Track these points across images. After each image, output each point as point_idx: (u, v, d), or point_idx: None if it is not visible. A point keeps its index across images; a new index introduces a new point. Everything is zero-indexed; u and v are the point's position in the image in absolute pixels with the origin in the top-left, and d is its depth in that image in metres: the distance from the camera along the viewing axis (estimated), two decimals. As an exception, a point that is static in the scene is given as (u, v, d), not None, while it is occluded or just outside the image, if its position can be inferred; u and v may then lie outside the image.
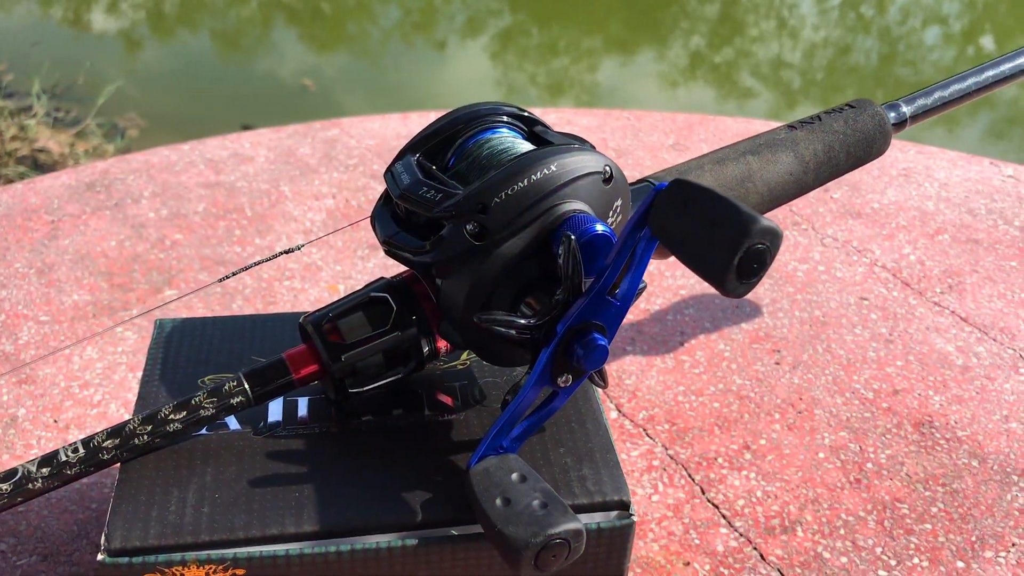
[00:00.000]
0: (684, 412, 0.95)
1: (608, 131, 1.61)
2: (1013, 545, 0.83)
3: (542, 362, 0.57)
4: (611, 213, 0.64)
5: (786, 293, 1.17)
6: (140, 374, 0.94)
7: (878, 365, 1.04)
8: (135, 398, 0.66)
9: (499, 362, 0.64)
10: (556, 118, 1.65)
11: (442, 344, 0.66)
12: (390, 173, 0.66)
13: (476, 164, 0.65)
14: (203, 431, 0.63)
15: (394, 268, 1.11)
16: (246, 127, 2.53)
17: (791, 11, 4.16)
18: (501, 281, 0.60)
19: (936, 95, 0.87)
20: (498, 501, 0.55)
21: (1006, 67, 0.90)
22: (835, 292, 1.17)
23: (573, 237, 0.56)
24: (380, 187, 1.35)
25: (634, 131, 1.62)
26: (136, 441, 0.59)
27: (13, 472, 0.57)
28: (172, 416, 0.60)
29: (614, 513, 0.60)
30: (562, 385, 0.58)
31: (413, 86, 3.26)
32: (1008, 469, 0.91)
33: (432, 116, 1.60)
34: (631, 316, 1.10)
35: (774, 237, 0.51)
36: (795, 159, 0.79)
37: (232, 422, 0.64)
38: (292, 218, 1.26)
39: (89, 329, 1.02)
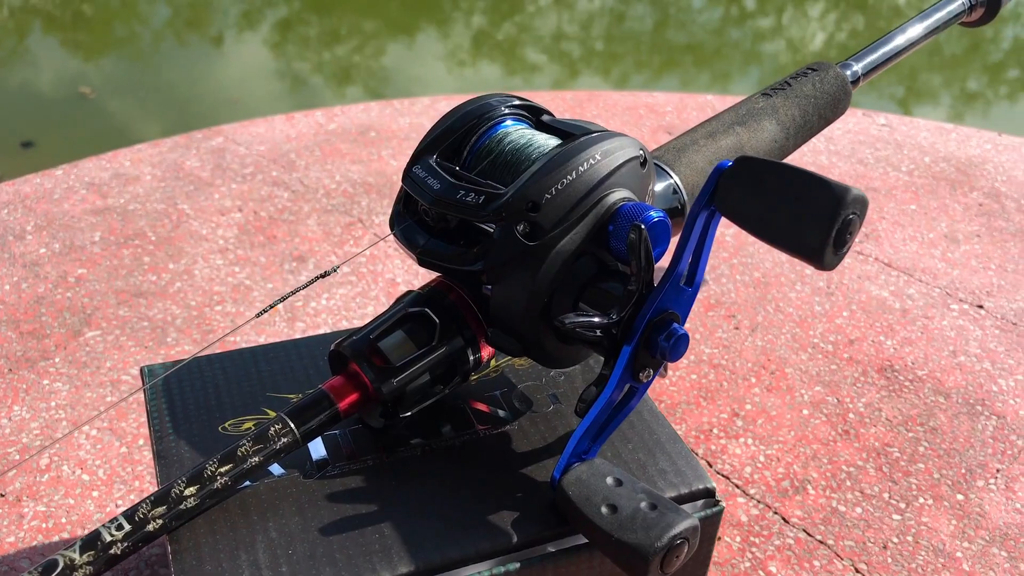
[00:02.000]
0: (666, 388, 0.95)
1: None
2: (998, 471, 0.87)
3: (624, 358, 0.55)
4: (647, 196, 0.62)
5: (722, 259, 1.19)
6: (89, 429, 0.85)
7: (827, 318, 1.08)
8: (94, 457, 0.59)
9: (556, 364, 0.61)
10: (447, 105, 1.61)
11: (485, 354, 0.62)
12: (410, 179, 0.61)
13: (502, 161, 0.61)
14: (246, 483, 0.56)
15: (352, 277, 1.05)
16: (27, 144, 2.31)
17: None
18: (561, 280, 0.57)
19: (881, 51, 0.90)
20: (604, 509, 0.52)
21: (933, 19, 0.94)
22: (765, 253, 1.20)
23: (644, 227, 0.54)
24: (287, 195, 1.27)
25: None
26: (185, 505, 0.53)
27: (53, 565, 0.49)
28: (219, 471, 0.54)
29: (701, 502, 0.58)
30: (643, 380, 0.56)
31: (193, 84, 3.11)
32: (971, 400, 0.96)
33: (319, 115, 1.53)
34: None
35: (864, 205, 0.50)
36: (778, 125, 0.79)
37: (275, 468, 0.58)
38: (202, 237, 1.17)
39: (8, 386, 0.91)
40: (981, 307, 1.12)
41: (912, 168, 1.47)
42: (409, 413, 0.59)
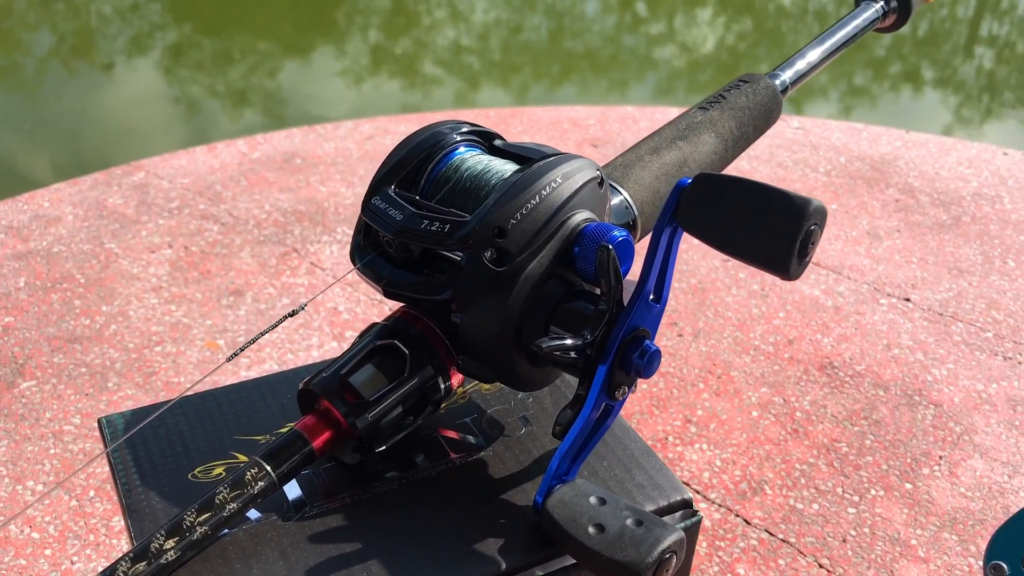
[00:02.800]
0: (619, 400, 0.96)
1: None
2: (940, 458, 0.91)
3: (600, 378, 0.55)
4: (605, 215, 0.63)
5: (659, 267, 1.21)
6: (34, 484, 0.82)
7: (765, 320, 1.11)
8: (42, 513, 0.57)
9: (528, 388, 0.61)
10: (372, 128, 1.61)
11: (455, 382, 0.62)
12: (370, 210, 0.61)
13: (461, 188, 0.61)
14: (225, 530, 0.55)
15: (280, 305, 1.04)
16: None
17: None
18: (531, 304, 0.57)
19: (806, 59, 0.93)
20: (591, 529, 0.53)
21: (851, 26, 0.97)
22: (699, 259, 1.23)
23: (611, 247, 0.55)
24: (217, 228, 1.25)
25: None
26: (166, 559, 0.51)
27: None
28: (198, 521, 0.52)
29: (679, 513, 0.59)
30: (619, 398, 0.57)
31: (84, 114, 3.04)
32: (909, 392, 1.00)
33: (242, 144, 1.51)
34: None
35: (823, 215, 0.52)
36: (717, 138, 0.81)
37: (252, 513, 0.56)
38: (133, 277, 1.14)
39: (-59, 445, 0.87)
40: (908, 300, 1.17)
41: (829, 169, 1.52)
42: (384, 447, 0.59)
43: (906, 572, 0.77)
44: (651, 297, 0.57)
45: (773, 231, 0.51)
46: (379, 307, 1.09)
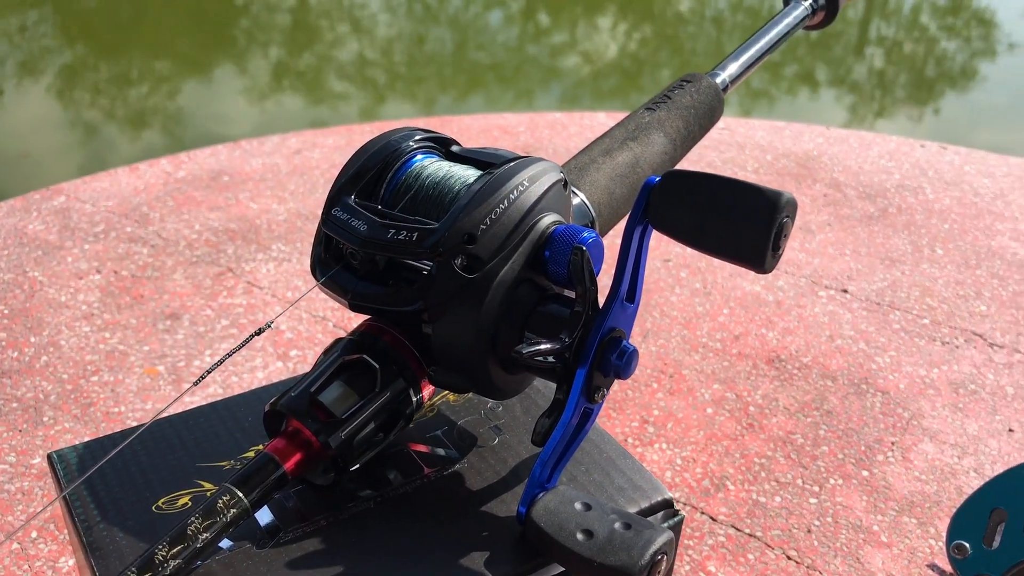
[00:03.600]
0: (575, 405, 0.95)
1: (358, 146, 1.55)
2: (893, 444, 0.93)
3: (580, 381, 0.54)
4: (569, 216, 0.62)
5: (603, 269, 1.21)
6: (-29, 527, 0.77)
7: (710, 317, 1.12)
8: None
9: (503, 396, 0.60)
10: (299, 142, 1.57)
11: (426, 394, 0.61)
12: (332, 222, 0.59)
13: (423, 196, 0.60)
14: (197, 562, 0.52)
15: (232, 330, 1.00)
16: None
17: (362, 11, 4.30)
18: (504, 310, 0.56)
19: (742, 59, 0.94)
20: (579, 536, 0.52)
21: (783, 24, 0.99)
22: (641, 260, 1.23)
23: (585, 249, 0.54)
24: (147, 251, 1.20)
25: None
26: (138, 599, 0.48)
27: None
28: (171, 555, 0.50)
29: (661, 514, 0.59)
30: (598, 400, 0.56)
31: None
32: (856, 380, 1.02)
33: (165, 163, 1.46)
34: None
35: (795, 207, 0.52)
36: (665, 138, 0.81)
37: (223, 542, 0.54)
38: (61, 305, 1.09)
39: None
40: (846, 291, 1.19)
41: (757, 167, 1.55)
42: (357, 465, 0.57)
43: (871, 558, 0.78)
44: (625, 298, 0.56)
45: (746, 225, 0.51)
46: (321, 324, 1.07)
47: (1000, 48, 4.30)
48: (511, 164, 0.59)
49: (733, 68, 0.95)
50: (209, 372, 0.56)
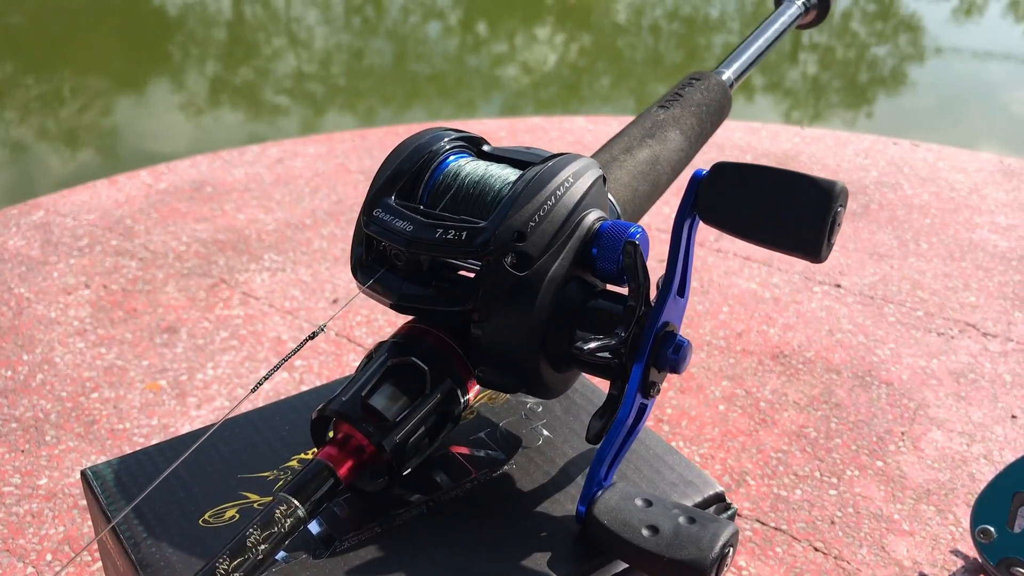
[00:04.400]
0: (588, 406, 0.95)
1: (340, 154, 1.54)
2: (903, 434, 0.94)
3: (637, 377, 0.54)
4: (608, 211, 0.62)
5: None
6: (-17, 552, 0.74)
7: (711, 315, 1.12)
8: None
9: (553, 395, 0.59)
10: (280, 151, 1.55)
11: (472, 395, 0.60)
12: (375, 223, 0.58)
13: (464, 195, 0.59)
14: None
15: (233, 342, 0.99)
16: None
17: (299, 24, 4.28)
18: (555, 307, 0.56)
19: (743, 57, 0.95)
20: (645, 532, 0.51)
21: (779, 23, 1.00)
22: (635, 261, 1.23)
23: (638, 243, 0.54)
24: (135, 264, 1.18)
25: (362, 150, 1.57)
26: (204, 614, 0.47)
27: None
28: (231, 568, 0.48)
29: (713, 508, 0.58)
30: (653, 396, 0.56)
31: None
32: (859, 373, 1.03)
33: (144, 175, 1.43)
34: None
35: (847, 196, 0.52)
36: (681, 135, 0.82)
37: (279, 553, 0.53)
38: (52, 321, 1.06)
39: None
40: (839, 286, 1.21)
41: (740, 166, 1.56)
42: (409, 469, 0.56)
43: (896, 546, 0.79)
44: (676, 292, 0.56)
45: (803, 216, 0.52)
46: (325, 334, 1.05)
47: (928, 52, 4.40)
48: (553, 161, 0.58)
49: (736, 66, 0.96)
50: (265, 379, 0.54)
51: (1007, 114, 3.72)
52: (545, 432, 0.63)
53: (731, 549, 0.51)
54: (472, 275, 0.58)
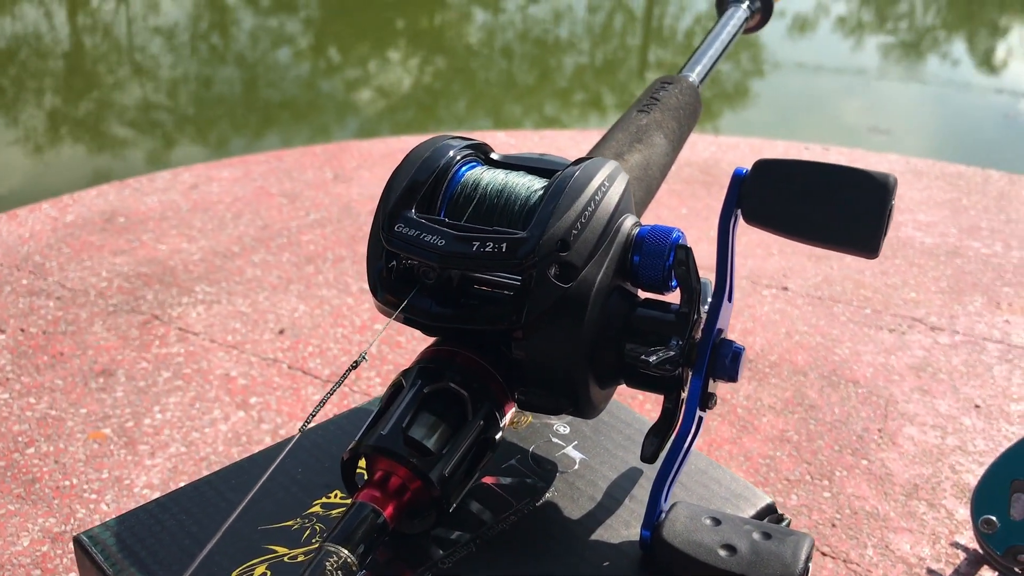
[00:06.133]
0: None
1: (257, 177, 1.46)
2: (879, 431, 0.94)
3: (697, 389, 0.51)
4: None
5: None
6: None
7: (670, 324, 1.11)
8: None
9: (595, 413, 0.55)
10: (193, 176, 1.46)
11: (507, 420, 0.56)
12: (398, 239, 0.53)
13: (488, 205, 0.55)
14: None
15: (178, 382, 0.91)
16: None
17: (142, 53, 4.16)
18: (603, 319, 0.52)
19: (704, 60, 0.94)
20: (722, 552, 0.48)
21: (730, 26, 0.99)
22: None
23: (689, 248, 0.52)
24: (53, 304, 1.08)
25: (281, 172, 1.50)
26: None
27: None
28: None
29: (766, 520, 0.56)
30: (711, 407, 0.53)
31: None
32: (826, 373, 1.03)
33: (47, 207, 1.32)
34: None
35: (896, 187, 0.51)
36: (665, 139, 0.80)
37: (325, 612, 0.47)
38: (-34, 372, 0.96)
39: None
40: (786, 288, 1.22)
41: (668, 177, 1.57)
42: (455, 504, 0.51)
43: (899, 544, 0.79)
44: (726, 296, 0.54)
45: (860, 211, 0.50)
46: (275, 367, 0.99)
47: (767, 67, 4.60)
48: (584, 165, 0.55)
49: (699, 69, 0.95)
50: (315, 413, 0.49)
51: (840, 123, 3.91)
52: (579, 454, 0.59)
53: (811, 561, 0.49)
54: (507, 291, 0.54)
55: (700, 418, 0.53)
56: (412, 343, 1.04)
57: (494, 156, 0.61)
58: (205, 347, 1.02)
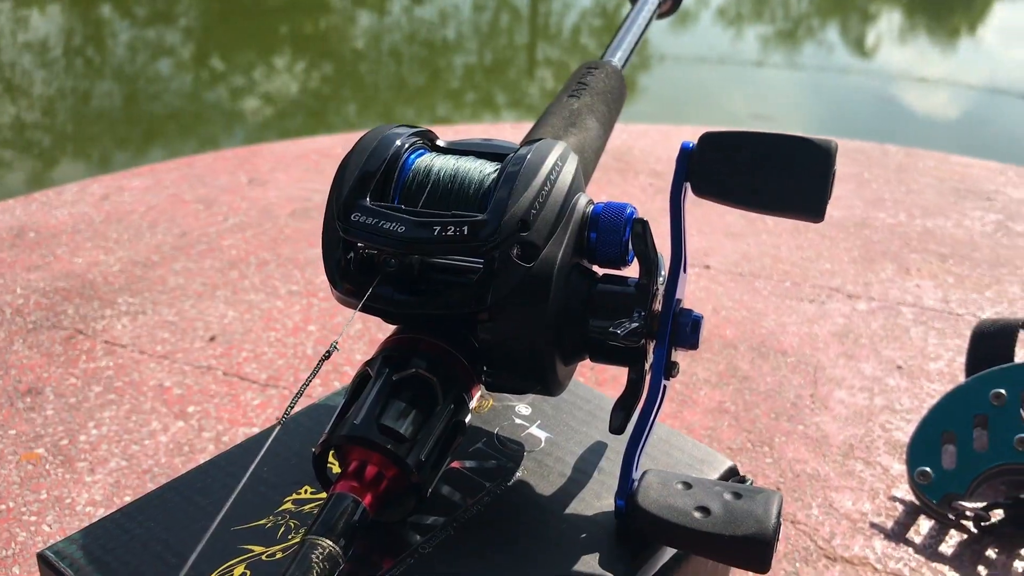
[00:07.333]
0: (513, 411, 0.93)
1: (169, 185, 1.42)
2: (811, 396, 0.98)
3: (662, 358, 0.52)
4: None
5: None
6: None
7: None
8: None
9: (560, 391, 0.56)
10: (102, 187, 1.41)
11: (474, 403, 0.56)
12: (356, 229, 0.53)
13: (441, 190, 0.56)
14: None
15: (111, 396, 0.88)
16: None
17: (13, 70, 4.03)
18: (566, 296, 0.53)
19: (624, 44, 0.96)
20: (697, 514, 0.50)
21: (645, 11, 1.02)
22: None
23: (646, 221, 0.53)
24: (-36, 325, 1.03)
25: (193, 178, 1.46)
26: None
27: None
28: (282, 628, 0.43)
29: (731, 480, 0.58)
30: (674, 375, 0.54)
31: None
32: (755, 345, 1.06)
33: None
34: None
35: (836, 154, 0.53)
36: (596, 122, 0.81)
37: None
38: None
39: None
40: (708, 267, 1.25)
41: (583, 164, 1.59)
42: (430, 490, 0.52)
43: (842, 502, 0.82)
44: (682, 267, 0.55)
45: (804, 177, 0.52)
46: (211, 374, 0.97)
47: (653, 61, 4.71)
48: (536, 146, 0.56)
49: (620, 53, 0.97)
50: (292, 405, 0.48)
51: (724, 111, 4.05)
52: (544, 433, 0.60)
53: (781, 517, 0.51)
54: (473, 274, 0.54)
55: (664, 387, 0.55)
56: (347, 342, 1.03)
57: (440, 143, 0.61)
58: (135, 359, 0.99)
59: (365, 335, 1.04)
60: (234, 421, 0.90)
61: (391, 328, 0.57)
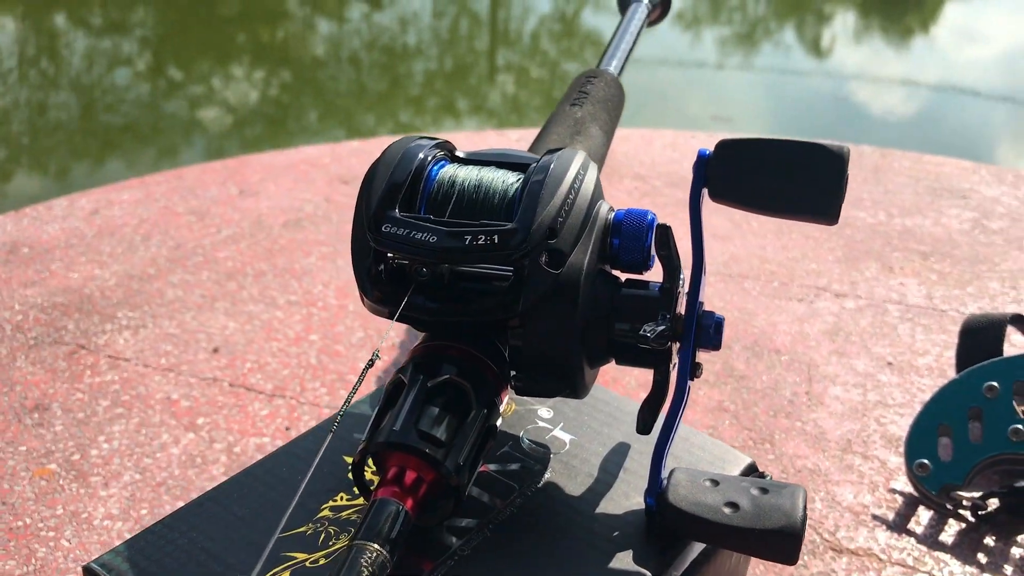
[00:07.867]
0: (519, 415, 0.94)
1: (160, 197, 1.42)
2: (807, 393, 1.00)
3: (687, 359, 0.54)
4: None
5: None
6: None
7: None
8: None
9: (585, 393, 0.58)
10: (91, 202, 1.41)
11: (502, 407, 0.58)
12: (388, 239, 0.55)
13: (467, 201, 0.57)
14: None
15: (119, 409, 0.89)
16: None
17: None
18: (593, 302, 0.55)
19: (618, 53, 0.98)
20: (727, 510, 0.52)
21: (636, 20, 1.04)
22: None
23: (669, 226, 0.55)
24: (-37, 342, 1.03)
25: (184, 190, 1.46)
26: None
27: None
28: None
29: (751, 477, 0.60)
30: (698, 376, 0.56)
31: None
32: (748, 344, 1.09)
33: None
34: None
35: (849, 159, 0.56)
36: (600, 130, 0.83)
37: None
38: None
39: None
40: (699, 269, 1.27)
41: (569, 170, 1.61)
42: (466, 494, 0.53)
43: (843, 495, 0.84)
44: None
45: (821, 182, 0.54)
46: (217, 386, 0.97)
47: None
48: (557, 156, 0.58)
49: (616, 62, 0.99)
50: (343, 412, 0.50)
51: (684, 114, 4.08)
52: (568, 435, 0.62)
53: (807, 509, 0.53)
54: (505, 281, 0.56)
55: (688, 387, 0.57)
56: (350, 350, 1.04)
57: (459, 154, 0.63)
58: (140, 372, 0.99)
59: (367, 343, 1.05)
60: (244, 432, 0.91)
61: (393, 335, 0.59)
